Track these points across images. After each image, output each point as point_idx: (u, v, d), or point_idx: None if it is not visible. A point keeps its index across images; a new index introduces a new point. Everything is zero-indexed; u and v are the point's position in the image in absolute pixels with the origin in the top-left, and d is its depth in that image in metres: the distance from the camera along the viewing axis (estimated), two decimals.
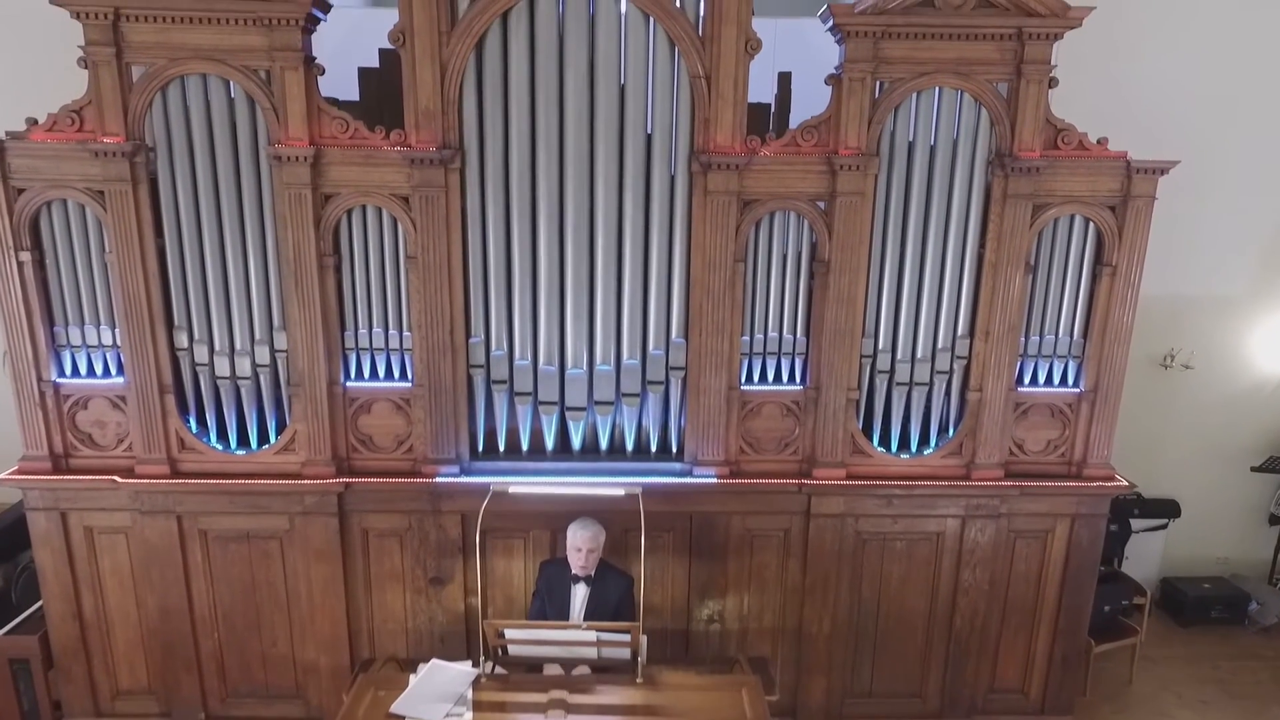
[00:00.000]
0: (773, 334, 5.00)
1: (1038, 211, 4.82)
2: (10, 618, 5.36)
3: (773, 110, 5.36)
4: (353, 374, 4.99)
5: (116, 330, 4.85)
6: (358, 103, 5.18)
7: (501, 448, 5.11)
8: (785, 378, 5.08)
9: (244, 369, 4.90)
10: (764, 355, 5.04)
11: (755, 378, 5.07)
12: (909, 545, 5.25)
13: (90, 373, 4.95)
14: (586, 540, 4.58)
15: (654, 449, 5.15)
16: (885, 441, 5.17)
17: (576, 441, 5.09)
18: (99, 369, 4.95)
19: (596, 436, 5.10)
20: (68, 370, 4.94)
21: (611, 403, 5.02)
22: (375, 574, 5.20)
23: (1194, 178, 5.38)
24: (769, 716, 4.07)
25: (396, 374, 5.01)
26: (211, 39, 4.44)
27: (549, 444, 5.08)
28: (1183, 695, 6.03)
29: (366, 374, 4.99)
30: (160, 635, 5.20)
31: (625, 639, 4.18)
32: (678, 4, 4.53)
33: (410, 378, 4.99)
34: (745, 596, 5.31)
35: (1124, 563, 6.62)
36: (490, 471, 5.04)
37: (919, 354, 5.01)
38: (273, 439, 5.03)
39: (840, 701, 5.47)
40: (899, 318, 4.98)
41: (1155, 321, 6.11)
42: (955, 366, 5.04)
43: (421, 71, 4.54)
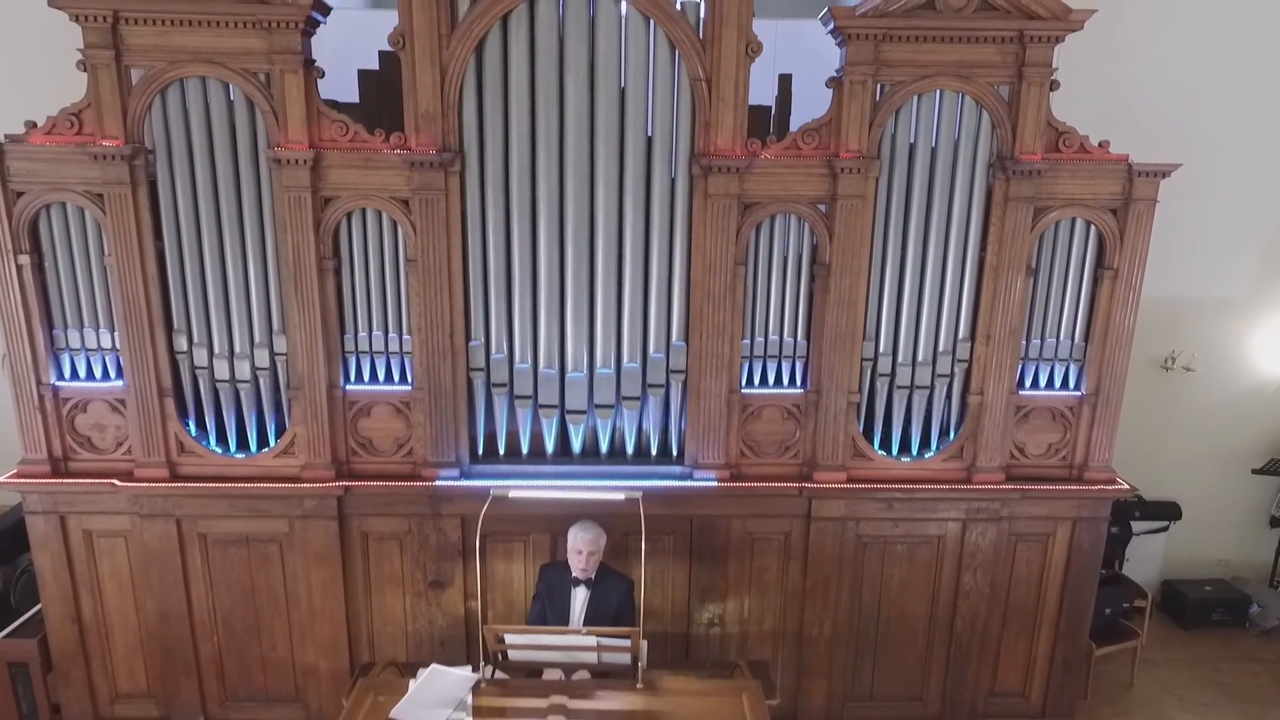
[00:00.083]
0: (773, 337, 4.99)
1: (1039, 214, 4.82)
2: (9, 621, 5.34)
3: (773, 112, 5.35)
4: (352, 377, 4.98)
5: (116, 333, 4.84)
6: (357, 105, 5.17)
7: (501, 451, 5.10)
8: (786, 381, 5.07)
9: (243, 372, 4.89)
10: (764, 358, 5.03)
11: (756, 381, 5.06)
12: (910, 549, 5.25)
13: (89, 376, 4.94)
14: (588, 543, 4.57)
15: (654, 452, 5.14)
16: (886, 445, 5.16)
17: (577, 445, 5.08)
18: (98, 372, 4.94)
19: (597, 440, 5.09)
20: (67, 373, 4.93)
21: (612, 406, 5.01)
22: (375, 577, 5.20)
23: (1194, 180, 5.38)
24: None
25: (396, 377, 5.00)
26: (211, 42, 4.43)
27: (549, 447, 5.08)
28: (1184, 698, 6.02)
29: (366, 377, 4.99)
30: (159, 639, 5.20)
31: (625, 644, 4.17)
32: (678, 6, 4.52)
33: (410, 381, 4.98)
34: (746, 600, 5.31)
35: (1125, 565, 6.61)
36: (490, 475, 5.04)
37: (920, 357, 5.00)
38: (272, 442, 5.02)
39: (841, 705, 5.46)
40: (900, 321, 4.97)
41: (1156, 324, 6.09)
42: (956, 370, 5.04)
43: (421, 74, 4.53)
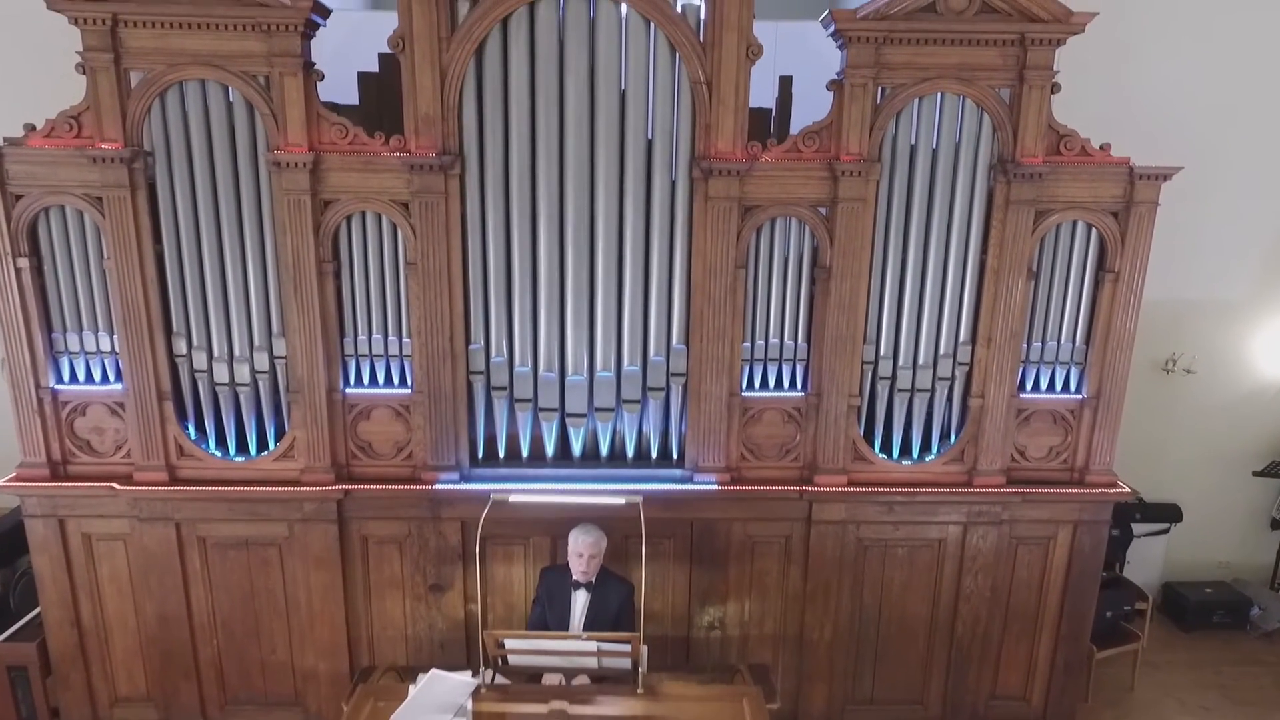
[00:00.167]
0: (774, 340, 4.98)
1: (1040, 217, 4.81)
2: (8, 624, 5.34)
3: (774, 114, 5.34)
4: (352, 380, 4.97)
5: (115, 337, 4.83)
6: (357, 107, 5.16)
7: (501, 454, 5.09)
8: (786, 384, 5.06)
9: (243, 375, 4.88)
10: (765, 361, 5.02)
11: (756, 384, 5.05)
12: (910, 552, 5.24)
13: (89, 379, 4.93)
14: (589, 546, 4.56)
15: (655, 455, 5.13)
16: (887, 448, 5.15)
17: (577, 448, 5.07)
18: (97, 375, 4.93)
19: (597, 443, 5.08)
20: (66, 377, 4.92)
21: (612, 409, 5.00)
22: (375, 581, 5.19)
23: (1195, 182, 5.36)
24: None
25: (396, 380, 4.99)
26: (210, 45, 4.42)
27: (549, 450, 5.06)
28: (1185, 701, 6.01)
29: (366, 380, 4.98)
30: (159, 642, 5.18)
31: (626, 649, 4.16)
32: (679, 9, 4.51)
33: (410, 384, 4.97)
34: (746, 603, 5.30)
35: (1126, 567, 6.61)
36: (490, 478, 5.03)
37: (921, 360, 4.99)
38: (272, 446, 5.01)
39: (842, 708, 5.46)
40: (901, 324, 4.96)
41: (1157, 326, 6.08)
42: (957, 373, 5.03)
43: (421, 77, 4.52)
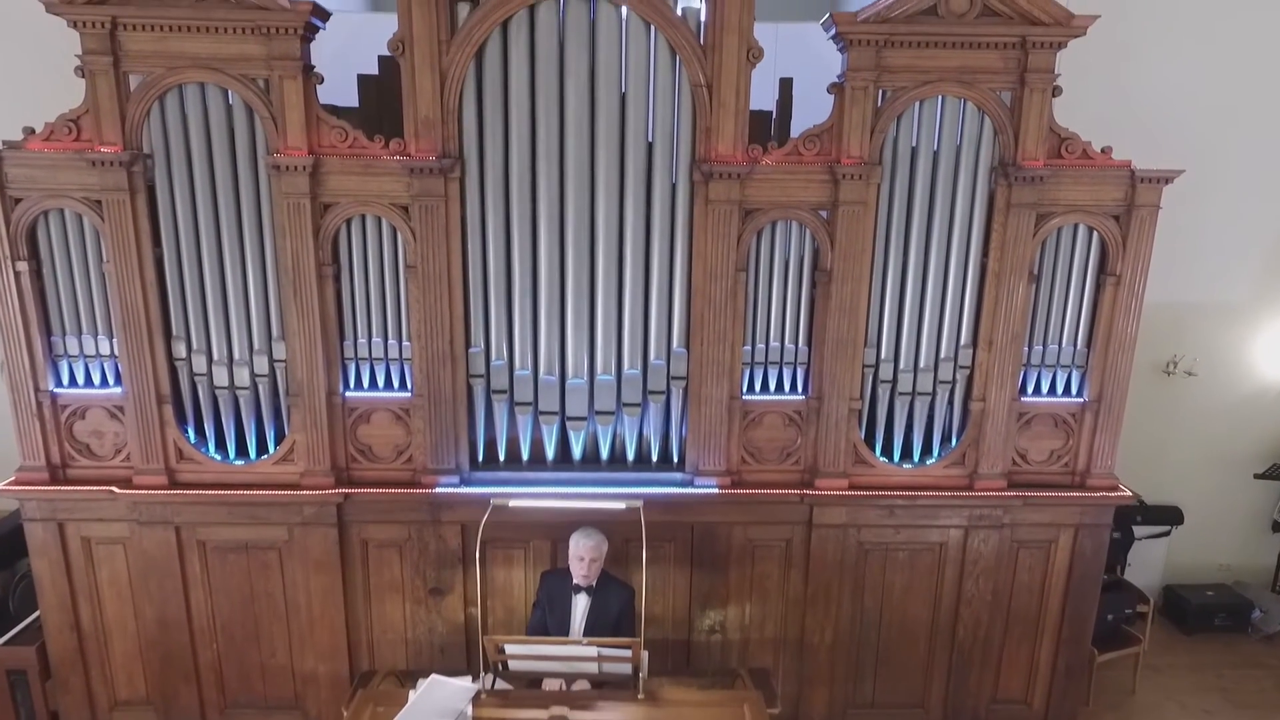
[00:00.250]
0: (774, 343, 4.97)
1: (1041, 220, 4.80)
2: (7, 628, 5.33)
3: (774, 117, 5.33)
4: (352, 384, 4.96)
5: (114, 340, 4.82)
6: (357, 109, 5.16)
7: (502, 457, 5.08)
8: (787, 387, 5.05)
9: (242, 379, 4.87)
10: (765, 365, 5.01)
11: (757, 387, 5.04)
12: (911, 555, 5.23)
13: (88, 383, 4.93)
14: (589, 549, 4.55)
15: (655, 459, 5.12)
16: (888, 451, 5.14)
17: (577, 451, 5.06)
18: (96, 379, 4.92)
19: (597, 446, 5.07)
20: (65, 380, 4.91)
21: (612, 412, 4.99)
22: (375, 585, 5.18)
23: (1197, 185, 5.35)
24: None
25: (396, 384, 4.98)
26: (209, 48, 4.41)
27: (549, 454, 5.05)
28: (1186, 704, 6.00)
29: (366, 384, 4.97)
30: (158, 646, 5.17)
31: (626, 654, 4.15)
32: (679, 12, 4.50)
33: (410, 388, 4.96)
34: (747, 607, 5.29)
35: (1127, 570, 6.60)
36: (490, 481, 5.02)
37: (922, 363, 4.98)
38: (271, 449, 5.01)
39: (842, 712, 5.44)
40: (901, 327, 4.95)
41: (1158, 328, 6.07)
42: (958, 376, 5.02)
43: (421, 80, 4.51)
